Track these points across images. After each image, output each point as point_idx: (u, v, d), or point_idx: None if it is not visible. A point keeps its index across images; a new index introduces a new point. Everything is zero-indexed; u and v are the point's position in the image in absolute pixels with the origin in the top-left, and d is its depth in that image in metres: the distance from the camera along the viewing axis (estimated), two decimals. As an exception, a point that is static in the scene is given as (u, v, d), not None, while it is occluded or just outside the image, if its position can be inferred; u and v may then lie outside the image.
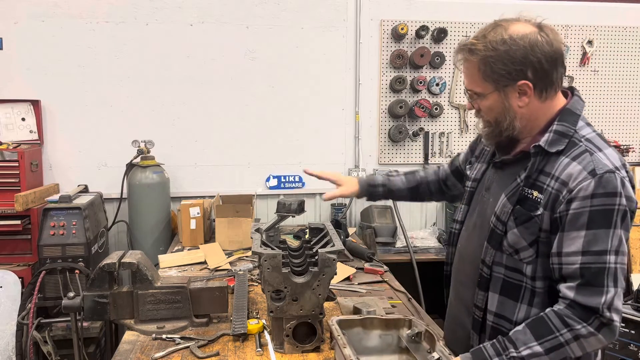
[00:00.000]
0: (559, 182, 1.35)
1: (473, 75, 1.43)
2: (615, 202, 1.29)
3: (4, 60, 3.49)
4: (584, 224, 1.30)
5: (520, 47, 1.36)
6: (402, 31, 3.76)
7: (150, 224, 3.42)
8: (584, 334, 1.29)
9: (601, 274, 1.30)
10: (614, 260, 1.30)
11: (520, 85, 1.38)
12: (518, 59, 1.36)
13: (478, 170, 1.66)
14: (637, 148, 4.22)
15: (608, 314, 1.29)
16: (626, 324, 2.89)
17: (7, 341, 2.90)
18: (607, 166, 1.31)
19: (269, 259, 1.70)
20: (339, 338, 1.50)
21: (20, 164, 3.19)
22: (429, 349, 1.54)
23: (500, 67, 1.37)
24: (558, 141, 1.39)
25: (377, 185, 1.97)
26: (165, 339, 1.89)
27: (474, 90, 1.45)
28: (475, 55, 1.40)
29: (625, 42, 4.09)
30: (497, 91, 1.40)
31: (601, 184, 1.29)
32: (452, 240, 1.70)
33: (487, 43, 1.38)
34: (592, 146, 1.36)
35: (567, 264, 1.33)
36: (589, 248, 1.30)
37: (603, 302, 1.29)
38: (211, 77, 3.72)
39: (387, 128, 3.94)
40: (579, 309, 1.30)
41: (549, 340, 1.31)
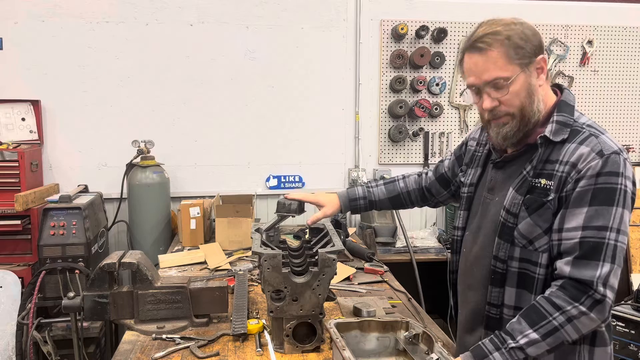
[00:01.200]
0: (569, 165, 1.38)
1: (496, 60, 1.40)
2: (618, 181, 1.33)
3: (4, 60, 3.49)
4: (587, 200, 1.34)
5: (528, 26, 1.43)
6: (402, 31, 3.76)
7: (150, 224, 3.42)
8: (575, 314, 1.30)
9: (599, 248, 1.31)
10: (614, 237, 1.32)
11: (539, 61, 1.42)
12: (530, 35, 1.42)
13: (473, 175, 1.67)
14: (637, 148, 4.22)
15: (602, 289, 1.29)
16: (626, 324, 2.89)
17: (7, 341, 2.90)
18: (613, 147, 1.36)
19: (269, 259, 1.70)
20: (338, 341, 1.50)
21: (20, 164, 3.19)
22: (427, 350, 1.54)
23: (523, 44, 1.40)
24: (561, 130, 1.43)
25: (358, 198, 1.97)
26: (165, 339, 1.89)
27: (500, 76, 1.41)
28: (499, 35, 1.40)
29: (625, 42, 4.09)
30: (523, 71, 1.41)
31: (608, 164, 1.33)
32: (456, 248, 1.70)
33: (502, 25, 1.42)
34: (595, 130, 1.41)
35: (567, 239, 1.35)
36: (589, 223, 1.33)
37: (598, 276, 1.29)
38: (211, 77, 3.72)
39: (387, 128, 3.94)
40: (572, 287, 1.31)
41: (543, 325, 1.31)
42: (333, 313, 2.12)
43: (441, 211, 4.09)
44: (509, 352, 1.32)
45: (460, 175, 1.76)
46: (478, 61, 1.43)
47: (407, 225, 3.70)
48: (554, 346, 1.32)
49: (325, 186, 3.95)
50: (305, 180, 3.92)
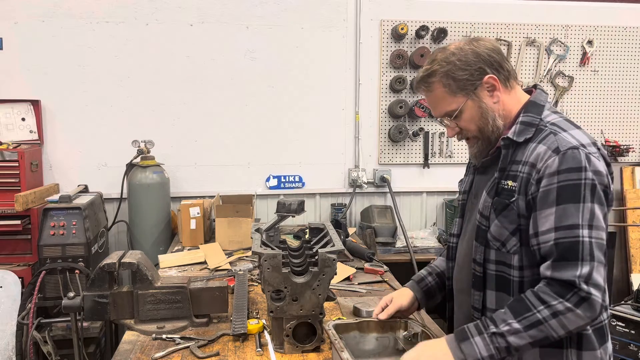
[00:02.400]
0: (528, 166, 1.40)
1: (441, 96, 1.49)
2: (581, 176, 1.32)
3: (4, 60, 3.49)
4: (554, 200, 1.34)
5: (469, 51, 1.46)
6: (402, 31, 3.76)
7: (150, 224, 3.42)
8: (560, 310, 1.29)
9: (574, 248, 1.31)
10: (587, 235, 1.31)
11: (487, 81, 1.45)
12: (472, 60, 1.45)
13: (466, 183, 1.71)
14: (637, 148, 4.22)
15: (585, 287, 1.29)
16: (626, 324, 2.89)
17: (7, 341, 2.90)
18: (571, 143, 1.35)
19: (269, 259, 1.70)
20: (336, 342, 1.50)
21: (20, 164, 3.19)
22: None
23: (462, 74, 1.45)
24: (525, 131, 1.44)
25: (424, 277, 1.81)
26: (165, 339, 1.89)
27: (448, 111, 1.50)
28: (435, 76, 1.48)
29: (625, 42, 4.09)
30: (469, 98, 1.47)
31: (565, 160, 1.33)
32: (451, 255, 1.71)
33: (439, 62, 1.47)
34: (557, 128, 1.42)
35: (544, 242, 1.35)
36: (560, 223, 1.33)
37: (578, 275, 1.29)
38: (211, 77, 3.72)
39: (387, 128, 3.94)
40: (556, 284, 1.32)
41: (527, 317, 1.32)
42: (333, 313, 2.12)
43: (441, 211, 4.09)
44: (490, 337, 1.33)
45: (459, 185, 1.80)
46: (428, 99, 1.56)
47: (407, 225, 3.71)
48: (538, 339, 1.31)
49: (325, 186, 3.95)
50: (305, 180, 3.92)
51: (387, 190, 3.95)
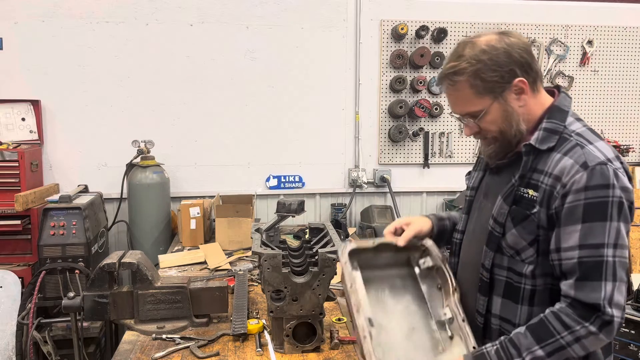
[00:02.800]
0: (552, 178, 1.34)
1: (466, 96, 1.42)
2: (608, 193, 1.29)
3: (4, 60, 3.49)
4: (580, 217, 1.30)
5: (501, 50, 1.38)
6: (402, 31, 3.76)
7: (150, 224, 3.41)
8: (583, 335, 1.29)
9: (599, 267, 1.29)
10: (611, 254, 1.29)
11: (516, 84, 1.39)
12: (504, 60, 1.37)
13: (475, 179, 1.67)
14: (637, 148, 4.22)
15: (609, 311, 1.28)
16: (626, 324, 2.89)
17: (7, 341, 2.90)
18: (599, 158, 1.31)
19: (269, 259, 1.70)
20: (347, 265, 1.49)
21: (20, 164, 3.19)
22: (439, 285, 1.57)
23: (492, 75, 1.37)
24: (548, 138, 1.39)
25: (444, 218, 1.79)
26: (165, 339, 1.89)
27: (471, 111, 1.43)
28: (462, 75, 1.39)
29: (625, 42, 4.09)
30: (496, 101, 1.40)
31: (594, 176, 1.29)
32: (455, 250, 1.69)
33: (469, 59, 1.38)
34: (583, 140, 1.36)
35: (566, 259, 1.33)
36: (585, 241, 1.30)
37: (603, 297, 1.28)
38: (211, 77, 3.72)
39: (387, 128, 3.94)
40: (580, 307, 1.30)
41: (551, 343, 1.30)
42: (333, 313, 2.12)
43: (441, 211, 4.09)
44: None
45: (467, 179, 1.76)
46: (450, 94, 1.46)
47: (407, 225, 3.70)
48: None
49: (325, 186, 3.95)
50: (305, 180, 3.92)
51: (387, 190, 3.95)
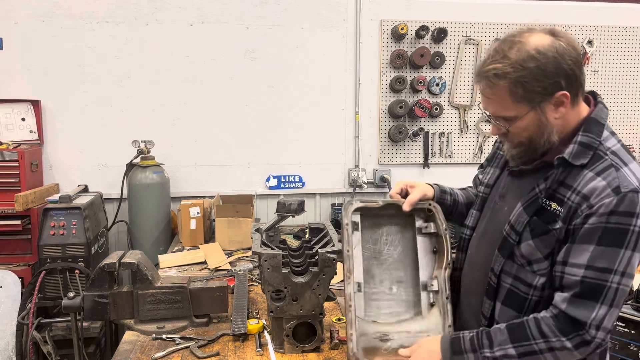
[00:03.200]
0: (580, 197, 1.30)
1: (503, 101, 1.34)
2: (631, 222, 1.25)
3: (4, 60, 3.49)
4: (596, 239, 1.27)
5: (551, 59, 1.28)
6: (402, 31, 3.76)
7: (150, 224, 3.41)
8: (557, 347, 1.30)
9: (599, 290, 1.28)
10: (617, 281, 1.27)
11: (558, 97, 1.31)
12: (551, 71, 1.28)
13: (491, 176, 1.63)
14: (637, 148, 4.22)
15: (593, 332, 1.28)
16: (626, 324, 2.88)
17: (7, 341, 2.90)
18: (632, 185, 1.26)
19: (269, 259, 1.70)
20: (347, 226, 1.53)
21: (20, 164, 3.19)
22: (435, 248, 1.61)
23: (535, 85, 1.29)
24: (582, 153, 1.33)
25: (447, 192, 1.78)
26: (165, 339, 1.89)
27: (505, 115, 1.36)
28: (504, 80, 1.30)
29: (625, 42, 4.09)
30: (533, 110, 1.32)
31: (623, 203, 1.25)
32: (463, 246, 1.67)
33: (514, 63, 1.29)
34: (618, 160, 1.31)
35: (570, 274, 1.31)
36: (594, 263, 1.28)
37: (592, 318, 1.28)
38: (211, 77, 3.72)
39: (387, 128, 3.94)
40: (565, 321, 1.30)
41: (524, 345, 1.32)
42: (333, 313, 2.12)
43: (441, 211, 4.08)
44: (482, 357, 1.34)
45: (480, 172, 1.73)
46: (485, 92, 1.38)
47: (407, 225, 3.70)
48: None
49: (325, 186, 3.95)
50: (305, 180, 3.92)
51: (387, 190, 3.95)
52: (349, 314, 1.51)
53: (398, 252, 1.64)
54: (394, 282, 1.61)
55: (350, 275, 1.52)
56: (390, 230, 1.64)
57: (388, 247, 1.63)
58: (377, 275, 1.63)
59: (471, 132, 4.04)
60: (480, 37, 3.92)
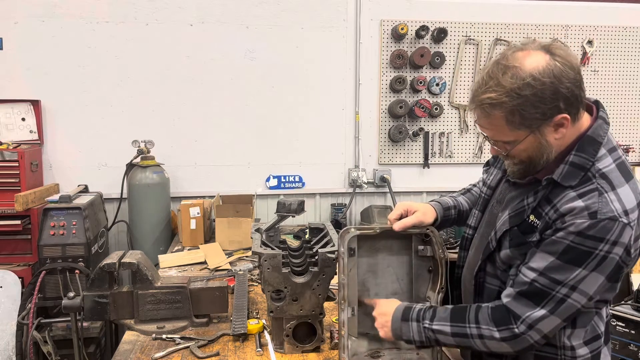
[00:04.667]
0: (557, 214, 1.30)
1: (500, 128, 1.31)
2: (598, 247, 1.24)
3: (4, 60, 3.49)
4: (557, 252, 1.28)
5: (548, 84, 1.23)
6: (402, 31, 3.76)
7: (150, 224, 3.41)
8: (487, 335, 1.35)
9: (543, 295, 1.29)
10: (564, 292, 1.28)
11: (558, 120, 1.28)
12: (548, 97, 1.24)
13: (494, 177, 1.64)
14: (637, 148, 4.22)
15: (523, 328, 1.31)
16: (626, 324, 2.89)
17: (7, 341, 2.90)
18: (612, 212, 1.23)
19: (269, 259, 1.70)
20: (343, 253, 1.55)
21: (20, 164, 3.19)
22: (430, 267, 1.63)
23: (533, 112, 1.25)
24: (572, 174, 1.31)
25: (450, 207, 1.75)
26: (165, 339, 1.89)
27: (503, 140, 1.34)
28: (500, 109, 1.26)
29: (625, 42, 4.09)
30: (532, 134, 1.29)
31: (595, 228, 1.23)
32: (465, 245, 1.68)
33: (509, 92, 1.24)
34: (605, 184, 1.27)
35: (523, 274, 1.34)
36: (547, 272, 1.29)
37: (527, 315, 1.30)
38: (211, 77, 3.72)
39: (387, 128, 3.93)
40: (500, 312, 1.35)
41: (458, 326, 1.39)
42: (333, 313, 2.12)
43: (441, 211, 4.08)
44: (422, 328, 1.44)
45: (484, 170, 1.73)
46: (481, 120, 1.35)
47: (407, 225, 3.70)
48: (462, 345, 1.42)
49: (325, 186, 3.95)
50: (305, 180, 3.92)
51: (387, 190, 3.95)
52: (342, 339, 1.56)
53: (394, 268, 1.66)
54: (389, 295, 1.64)
55: (345, 302, 1.55)
56: (387, 252, 1.66)
57: (385, 266, 1.65)
58: (372, 289, 1.65)
59: (471, 132, 4.04)
60: (480, 37, 3.92)
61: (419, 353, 1.61)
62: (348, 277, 1.55)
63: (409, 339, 1.47)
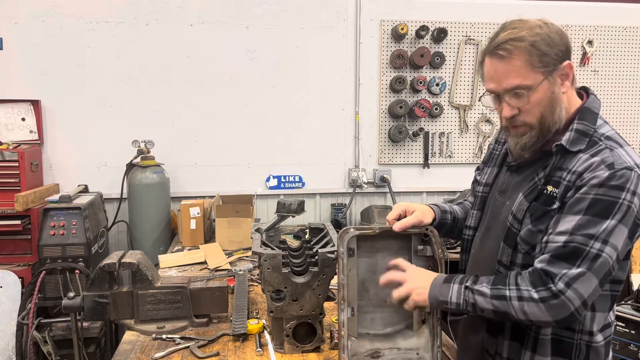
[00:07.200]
0: (575, 175, 1.33)
1: (519, 68, 1.35)
2: (621, 196, 1.28)
3: (4, 60, 3.49)
4: (583, 209, 1.30)
5: (554, 29, 1.38)
6: (402, 31, 3.76)
7: (150, 224, 3.41)
8: (525, 297, 1.32)
9: (578, 253, 1.29)
10: (597, 247, 1.28)
11: (564, 67, 1.37)
12: (557, 40, 1.37)
13: (489, 175, 1.64)
14: (637, 148, 4.22)
15: (561, 286, 1.28)
16: (626, 324, 2.89)
17: (7, 341, 2.90)
18: (627, 162, 1.30)
19: (269, 259, 1.70)
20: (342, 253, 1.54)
21: (20, 164, 3.19)
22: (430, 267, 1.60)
23: (548, 50, 1.35)
24: (579, 140, 1.38)
25: (447, 212, 1.76)
26: (165, 339, 1.89)
27: (521, 84, 1.36)
28: (522, 41, 1.34)
29: (625, 42, 4.09)
30: (546, 79, 1.36)
31: (614, 177, 1.28)
32: (466, 247, 1.68)
33: (527, 30, 1.36)
34: (613, 143, 1.36)
35: (553, 241, 1.33)
36: (578, 230, 1.30)
37: (563, 274, 1.29)
38: (211, 77, 3.72)
39: (387, 128, 3.94)
40: (538, 274, 1.33)
41: (498, 288, 1.37)
42: (333, 313, 2.12)
43: (441, 211, 4.08)
44: (464, 288, 1.41)
45: (477, 174, 1.73)
46: (499, 67, 1.38)
47: (407, 225, 3.70)
48: (500, 311, 1.36)
49: (325, 186, 3.95)
50: (305, 180, 3.92)
51: (387, 190, 3.95)
52: (342, 339, 1.55)
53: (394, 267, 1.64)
54: (388, 295, 1.61)
55: (344, 302, 1.54)
56: (387, 252, 1.65)
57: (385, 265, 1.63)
58: (371, 289, 1.64)
59: (471, 132, 4.04)
60: (480, 37, 3.92)
61: (419, 353, 1.61)
62: (348, 278, 1.55)
63: (445, 300, 1.42)
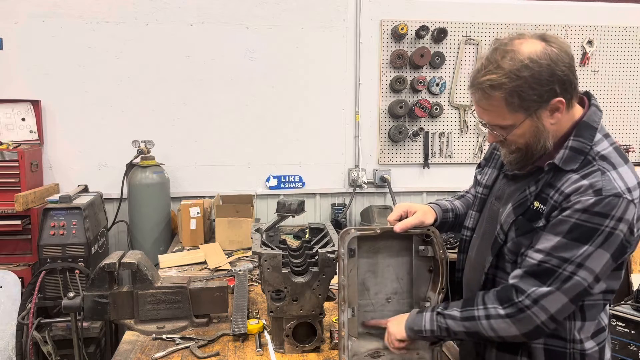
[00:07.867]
0: (562, 196, 1.31)
1: (499, 110, 1.34)
2: (604, 223, 1.26)
3: (4, 60, 3.49)
4: (563, 232, 1.29)
5: (544, 67, 1.28)
6: (402, 31, 3.76)
7: (150, 224, 3.41)
8: (492, 314, 1.35)
9: (550, 273, 1.30)
10: (570, 270, 1.28)
11: (554, 104, 1.32)
12: (546, 79, 1.29)
13: (489, 177, 1.64)
14: (637, 148, 4.22)
15: (528, 302, 1.30)
16: (626, 324, 2.89)
17: (7, 341, 2.90)
18: (616, 189, 1.27)
19: (269, 259, 1.70)
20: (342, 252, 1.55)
21: (20, 164, 3.19)
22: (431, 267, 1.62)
23: (531, 94, 1.29)
24: (573, 158, 1.34)
25: (448, 210, 1.77)
26: (165, 339, 1.89)
27: (501, 124, 1.37)
28: (500, 90, 1.30)
29: (625, 42, 4.09)
30: (529, 118, 1.33)
31: (600, 204, 1.26)
32: (463, 247, 1.68)
33: (508, 73, 1.29)
34: (607, 164, 1.31)
35: (530, 257, 1.34)
36: (554, 252, 1.30)
37: (532, 291, 1.30)
38: (211, 77, 3.72)
39: (387, 128, 3.94)
40: (506, 290, 1.35)
41: (467, 310, 1.41)
42: (333, 313, 2.12)
43: (441, 211, 4.08)
44: (435, 315, 1.46)
45: (477, 172, 1.73)
46: (481, 103, 1.38)
47: (407, 225, 3.70)
48: (471, 332, 1.40)
49: (325, 186, 3.95)
50: (305, 180, 3.92)
51: (387, 190, 3.95)
52: (342, 340, 1.56)
53: (394, 267, 1.65)
54: (389, 294, 1.64)
55: (345, 303, 1.55)
56: (387, 252, 1.65)
57: (385, 265, 1.64)
58: (372, 288, 1.64)
59: (471, 132, 4.04)
60: (480, 37, 3.92)
61: (419, 353, 1.61)
62: (348, 278, 1.55)
63: (420, 329, 1.47)
